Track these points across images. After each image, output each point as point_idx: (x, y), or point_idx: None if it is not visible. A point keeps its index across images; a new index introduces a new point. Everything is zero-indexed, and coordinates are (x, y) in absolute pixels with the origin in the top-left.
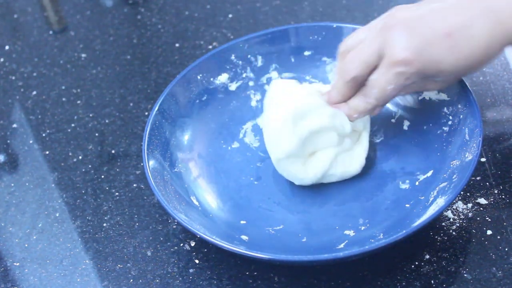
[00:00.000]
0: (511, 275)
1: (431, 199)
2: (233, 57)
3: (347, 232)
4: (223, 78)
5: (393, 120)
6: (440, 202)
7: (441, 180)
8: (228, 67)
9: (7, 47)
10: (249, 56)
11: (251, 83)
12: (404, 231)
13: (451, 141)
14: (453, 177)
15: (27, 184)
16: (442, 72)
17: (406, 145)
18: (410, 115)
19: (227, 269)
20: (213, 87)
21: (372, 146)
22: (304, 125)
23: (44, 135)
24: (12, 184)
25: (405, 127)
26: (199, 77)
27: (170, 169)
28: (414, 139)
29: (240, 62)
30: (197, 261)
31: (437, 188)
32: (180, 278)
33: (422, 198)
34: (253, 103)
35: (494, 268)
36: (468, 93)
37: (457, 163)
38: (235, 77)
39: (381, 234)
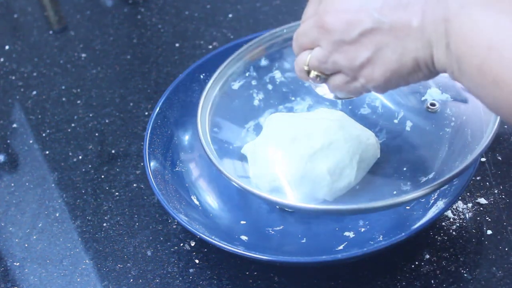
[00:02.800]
0: (511, 274)
1: (431, 201)
2: None
3: (346, 233)
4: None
5: (395, 121)
6: (440, 204)
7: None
8: None
9: (7, 47)
10: None
11: (254, 82)
12: (403, 234)
13: (453, 142)
14: (454, 180)
15: (27, 184)
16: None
17: (408, 146)
18: (413, 116)
19: (227, 269)
20: None
21: None
22: None
23: (44, 135)
24: (12, 184)
25: (408, 128)
26: (202, 76)
27: (171, 168)
28: (416, 140)
29: None
30: (197, 261)
31: (438, 190)
32: (180, 278)
33: (423, 200)
34: (256, 102)
35: (494, 268)
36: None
37: (458, 165)
38: (238, 76)
39: (381, 236)
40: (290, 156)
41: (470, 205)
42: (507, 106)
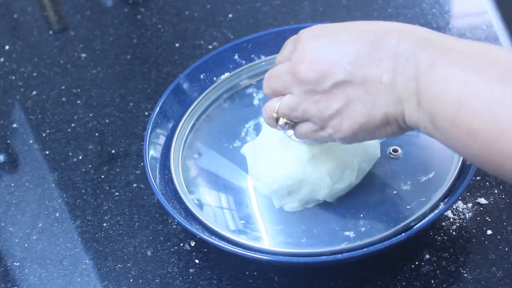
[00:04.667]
0: (511, 274)
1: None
2: (236, 56)
3: (347, 233)
4: (225, 77)
5: None
6: (440, 204)
7: (442, 182)
8: (231, 66)
9: (7, 47)
10: (252, 56)
11: (254, 82)
12: (403, 234)
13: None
14: (455, 180)
15: (27, 184)
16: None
17: (408, 146)
18: None
19: (227, 269)
20: None
21: None
22: None
23: (44, 135)
24: (12, 184)
25: None
26: (202, 76)
27: (170, 168)
28: (416, 140)
29: (244, 62)
30: (197, 261)
31: (438, 190)
32: (180, 278)
33: (423, 199)
34: (256, 102)
35: (494, 268)
36: None
37: (459, 165)
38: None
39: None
40: (289, 159)
41: (470, 205)
42: (482, 155)
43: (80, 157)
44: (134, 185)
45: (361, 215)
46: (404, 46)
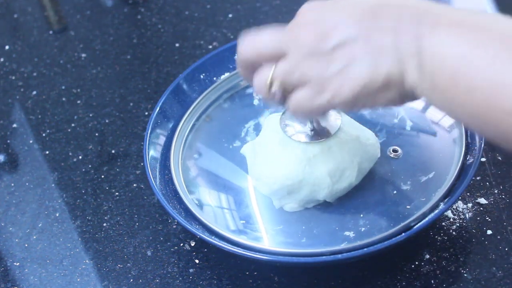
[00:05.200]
0: (511, 275)
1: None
2: (236, 56)
3: (346, 233)
4: (225, 77)
5: (396, 120)
6: (441, 204)
7: (442, 182)
8: (231, 66)
9: (7, 47)
10: None
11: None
12: (403, 234)
13: (453, 143)
14: (455, 180)
15: (27, 184)
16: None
17: (408, 146)
18: (413, 116)
19: (227, 269)
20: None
21: None
22: None
23: (44, 135)
24: (12, 184)
25: (408, 128)
26: (202, 76)
27: (170, 168)
28: (416, 140)
29: None
30: (197, 261)
31: (438, 190)
32: (180, 278)
33: (423, 199)
34: (256, 102)
35: (494, 268)
36: None
37: (459, 165)
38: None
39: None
40: (289, 159)
41: (470, 205)
42: (480, 113)
43: (80, 157)
44: (134, 185)
45: (361, 215)
46: (406, 11)
